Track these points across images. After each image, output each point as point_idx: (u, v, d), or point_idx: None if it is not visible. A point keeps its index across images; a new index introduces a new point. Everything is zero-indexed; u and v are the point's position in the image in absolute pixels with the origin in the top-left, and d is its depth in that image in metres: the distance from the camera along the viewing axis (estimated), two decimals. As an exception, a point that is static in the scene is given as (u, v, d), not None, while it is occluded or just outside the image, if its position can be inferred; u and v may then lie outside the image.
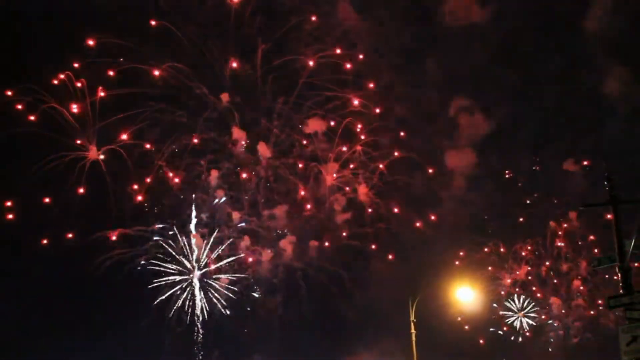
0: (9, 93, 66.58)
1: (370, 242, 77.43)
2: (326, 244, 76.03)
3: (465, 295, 39.89)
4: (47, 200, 67.53)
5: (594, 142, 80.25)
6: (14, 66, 66.97)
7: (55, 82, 68.10)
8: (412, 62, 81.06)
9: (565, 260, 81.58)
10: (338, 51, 74.92)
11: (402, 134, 78.29)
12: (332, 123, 75.89)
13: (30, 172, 65.92)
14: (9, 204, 66.83)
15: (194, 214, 73.31)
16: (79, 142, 69.35)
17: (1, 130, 65.07)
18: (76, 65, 68.25)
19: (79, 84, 68.46)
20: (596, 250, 74.15)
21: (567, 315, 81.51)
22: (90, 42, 68.20)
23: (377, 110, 76.80)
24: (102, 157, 69.58)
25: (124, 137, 69.86)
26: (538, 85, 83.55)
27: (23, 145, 67.98)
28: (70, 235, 67.87)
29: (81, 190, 68.68)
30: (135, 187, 70.63)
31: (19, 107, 67.11)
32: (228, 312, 72.21)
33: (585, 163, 79.35)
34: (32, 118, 67.40)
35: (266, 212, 75.68)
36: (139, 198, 70.96)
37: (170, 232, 72.34)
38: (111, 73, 68.97)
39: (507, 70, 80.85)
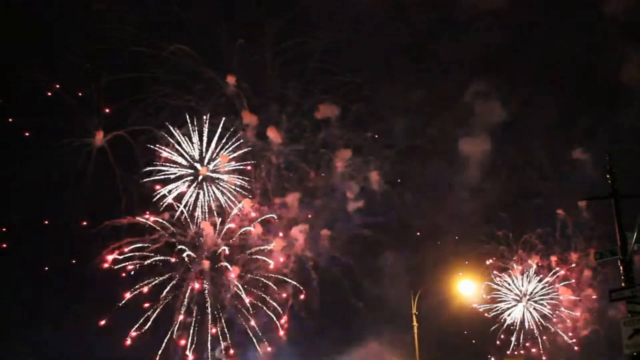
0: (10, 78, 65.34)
1: (382, 232, 77.08)
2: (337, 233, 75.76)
3: (467, 289, 39.61)
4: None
5: (609, 131, 79.42)
6: (16, 51, 66.71)
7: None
8: (427, 46, 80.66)
9: (575, 250, 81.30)
10: (350, 34, 73.91)
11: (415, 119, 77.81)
12: (344, 108, 74.95)
13: (35, 159, 66.00)
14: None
15: (205, 203, 72.90)
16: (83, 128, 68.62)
17: (3, 116, 65.38)
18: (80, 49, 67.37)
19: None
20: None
21: (575, 305, 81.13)
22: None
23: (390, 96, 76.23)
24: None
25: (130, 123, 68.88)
26: (555, 71, 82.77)
27: (28, 131, 67.98)
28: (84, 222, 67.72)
29: (87, 178, 68.24)
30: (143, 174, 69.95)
31: (21, 93, 66.30)
32: (237, 303, 72.24)
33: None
34: (36, 103, 67.09)
35: (278, 200, 75.09)
36: (147, 186, 70.24)
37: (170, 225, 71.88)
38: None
39: (524, 55, 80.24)
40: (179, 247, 71.42)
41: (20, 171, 65.83)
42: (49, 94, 67.63)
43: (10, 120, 66.47)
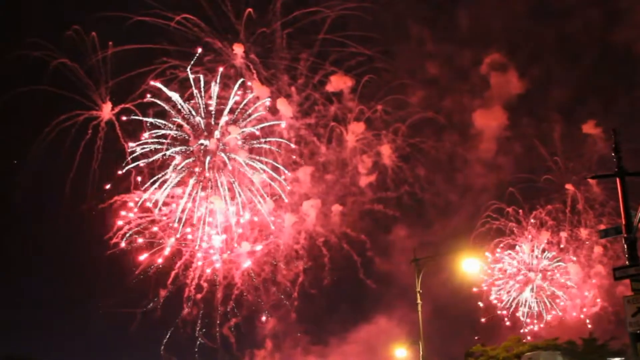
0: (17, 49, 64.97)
1: (393, 207, 76.65)
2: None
3: (471, 267, 39.40)
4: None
5: (624, 105, 78.45)
6: (20, 20, 65.94)
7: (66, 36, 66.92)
8: (443, 16, 79.63)
9: (585, 227, 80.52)
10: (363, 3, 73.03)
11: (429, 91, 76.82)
12: (356, 80, 74.31)
13: (42, 133, 65.73)
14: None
15: (218, 178, 72.47)
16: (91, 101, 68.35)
17: (9, 89, 64.67)
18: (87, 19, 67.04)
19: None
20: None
21: (585, 283, 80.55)
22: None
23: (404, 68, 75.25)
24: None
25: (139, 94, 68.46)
26: (573, 42, 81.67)
27: (34, 104, 67.63)
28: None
29: (96, 152, 68.43)
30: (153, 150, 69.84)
31: (28, 63, 66.11)
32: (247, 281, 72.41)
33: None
34: (41, 75, 66.11)
35: (289, 174, 74.78)
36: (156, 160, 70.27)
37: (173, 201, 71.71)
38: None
39: (541, 25, 79.22)
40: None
41: (26, 147, 66.09)
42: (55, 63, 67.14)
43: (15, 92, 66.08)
